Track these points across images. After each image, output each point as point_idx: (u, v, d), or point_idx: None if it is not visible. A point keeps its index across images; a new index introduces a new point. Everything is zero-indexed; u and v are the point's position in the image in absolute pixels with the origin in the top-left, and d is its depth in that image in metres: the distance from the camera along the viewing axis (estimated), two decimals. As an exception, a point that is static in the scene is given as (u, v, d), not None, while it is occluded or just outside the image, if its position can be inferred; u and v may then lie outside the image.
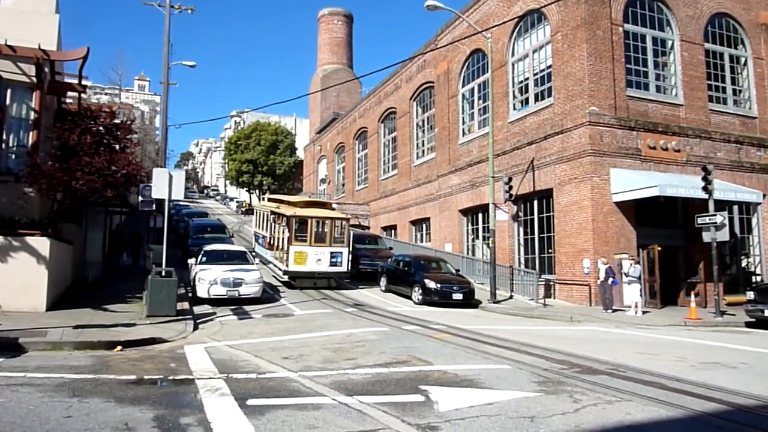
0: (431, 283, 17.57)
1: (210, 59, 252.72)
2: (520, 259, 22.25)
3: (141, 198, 18.78)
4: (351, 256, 20.51)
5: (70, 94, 15.20)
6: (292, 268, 19.21)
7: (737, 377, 7.77)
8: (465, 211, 26.15)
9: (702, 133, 20.60)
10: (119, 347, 8.97)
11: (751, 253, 22.01)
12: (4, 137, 12.89)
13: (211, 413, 5.33)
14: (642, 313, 16.61)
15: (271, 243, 21.96)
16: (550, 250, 20.61)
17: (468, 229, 26.24)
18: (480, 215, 24.88)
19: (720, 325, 15.52)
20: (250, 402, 5.76)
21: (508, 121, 23.04)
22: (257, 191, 68.29)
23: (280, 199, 24.77)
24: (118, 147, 14.70)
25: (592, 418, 5.46)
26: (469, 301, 17.82)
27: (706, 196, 17.13)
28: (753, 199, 20.33)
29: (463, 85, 27.07)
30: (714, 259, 16.85)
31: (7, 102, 12.88)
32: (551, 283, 19.76)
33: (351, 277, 21.65)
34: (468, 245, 26.11)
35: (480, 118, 25.59)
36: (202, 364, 7.87)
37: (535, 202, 21.57)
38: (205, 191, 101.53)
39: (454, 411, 5.57)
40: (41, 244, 11.77)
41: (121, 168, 13.56)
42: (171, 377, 7.07)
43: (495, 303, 18.08)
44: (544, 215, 21.09)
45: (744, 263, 22.00)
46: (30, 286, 11.56)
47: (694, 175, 19.06)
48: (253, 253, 23.17)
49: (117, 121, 15.20)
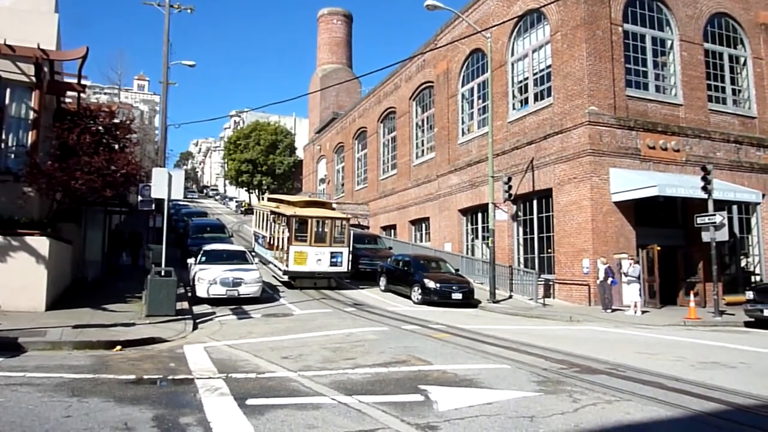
0: (431, 283, 17.57)
1: (209, 59, 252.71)
2: (519, 258, 22.26)
3: (140, 198, 18.77)
4: (351, 256, 20.51)
5: (69, 93, 15.20)
6: (292, 268, 19.16)
7: (736, 377, 7.78)
8: (464, 211, 26.16)
9: (701, 132, 20.61)
10: (118, 347, 8.96)
11: (751, 253, 22.03)
12: (4, 137, 12.88)
13: (210, 413, 5.33)
14: (641, 312, 16.62)
15: (271, 243, 21.91)
16: (550, 250, 20.62)
17: (467, 229, 26.25)
18: (479, 215, 24.88)
19: (719, 324, 15.54)
20: (250, 402, 5.76)
21: (507, 120, 23.04)
22: (257, 191, 68.32)
23: (280, 198, 24.70)
24: (117, 147, 14.70)
25: (591, 417, 5.46)
26: (469, 301, 17.83)
27: (706, 196, 17.15)
28: (752, 199, 20.35)
29: (462, 85, 27.07)
30: (713, 258, 16.87)
31: (7, 101, 12.88)
32: (550, 282, 19.77)
33: (350, 277, 21.64)
34: (467, 245, 26.12)
35: (479, 118, 25.60)
36: (202, 364, 7.87)
37: (535, 202, 21.58)
38: (204, 191, 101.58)
39: (453, 411, 5.57)
40: (40, 243, 11.77)
41: (121, 168, 13.57)
42: (170, 377, 7.07)
43: (494, 303, 18.09)
44: (544, 215, 21.10)
45: (743, 263, 22.03)
46: (29, 285, 11.56)
47: (693, 174, 19.07)
48: (253, 253, 23.13)
49: (116, 120, 15.20)
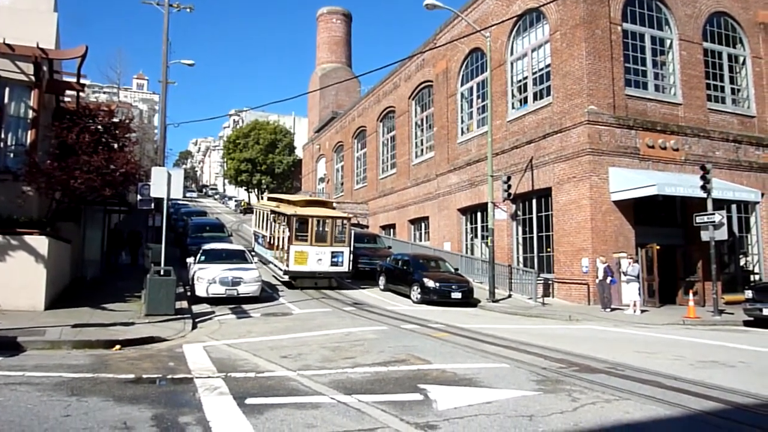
0: (430, 282, 17.58)
1: (209, 58, 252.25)
2: (518, 258, 22.27)
3: (140, 197, 18.69)
4: (351, 255, 20.46)
5: (68, 92, 15.18)
6: (292, 268, 19.06)
7: (735, 376, 7.78)
8: (464, 210, 26.16)
9: (700, 132, 20.62)
10: (118, 346, 8.96)
11: (750, 252, 22.04)
12: (3, 136, 12.87)
13: (209, 412, 5.32)
14: (640, 311, 16.64)
15: (271, 242, 21.84)
16: (549, 249, 20.63)
17: (467, 228, 26.25)
18: (479, 214, 24.89)
19: (718, 323, 15.56)
20: (249, 401, 5.76)
21: (506, 120, 23.04)
22: (256, 190, 68.32)
23: (280, 198, 24.64)
24: (116, 146, 14.68)
25: (590, 416, 5.47)
26: (468, 300, 17.83)
27: (705, 195, 17.17)
28: (751, 198, 20.37)
29: (461, 84, 27.07)
30: (712, 258, 16.88)
31: (6, 101, 12.87)
32: (550, 282, 19.78)
33: (350, 276, 21.62)
34: (467, 244, 26.12)
35: (479, 117, 25.59)
36: (201, 363, 7.87)
37: (534, 201, 21.59)
38: (203, 190, 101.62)
39: (452, 410, 5.58)
40: (40, 243, 11.76)
41: (120, 167, 13.57)
42: (170, 376, 7.07)
43: (494, 302, 18.09)
44: (543, 214, 21.10)
45: (742, 262, 22.04)
46: (28, 285, 11.55)
47: (692, 174, 19.08)
48: (253, 252, 23.11)
49: (115, 119, 15.16)
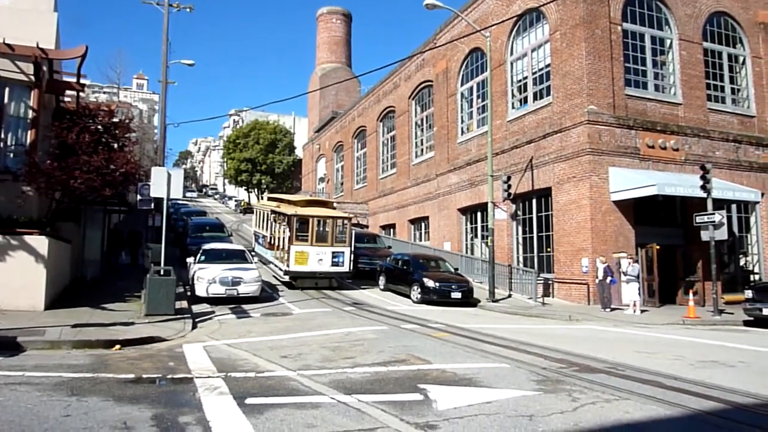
0: (430, 282, 17.57)
1: (208, 58, 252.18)
2: (518, 257, 22.27)
3: (139, 197, 18.67)
4: (352, 255, 20.42)
5: (68, 92, 15.17)
6: (293, 268, 18.99)
7: (735, 376, 7.78)
8: (464, 210, 26.16)
9: (700, 132, 20.62)
10: (118, 346, 8.96)
11: (750, 252, 22.04)
12: (3, 136, 12.87)
13: (209, 412, 5.32)
14: (640, 311, 16.65)
15: (272, 243, 21.79)
16: (549, 249, 20.63)
17: (467, 228, 26.25)
18: (479, 214, 24.89)
19: (718, 323, 15.56)
20: (249, 401, 5.76)
21: (506, 119, 23.04)
22: (256, 190, 68.34)
23: (281, 198, 24.61)
24: (116, 146, 14.67)
25: (590, 416, 5.47)
26: (468, 300, 17.83)
27: (705, 195, 17.17)
28: (751, 198, 20.38)
29: (461, 84, 27.06)
30: (712, 257, 16.88)
31: (6, 101, 12.86)
32: (550, 281, 19.78)
33: (351, 276, 21.60)
34: (467, 244, 26.12)
35: (479, 117, 25.59)
36: (201, 363, 7.87)
37: (534, 201, 21.59)
38: (203, 190, 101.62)
39: (452, 410, 5.58)
40: (40, 243, 11.75)
41: (120, 167, 13.56)
42: (169, 376, 7.07)
43: (494, 302, 18.09)
44: (543, 214, 21.10)
45: (742, 262, 22.04)
46: (28, 284, 11.54)
47: (692, 174, 19.08)
48: (253, 252, 23.08)
49: (115, 119, 15.15)
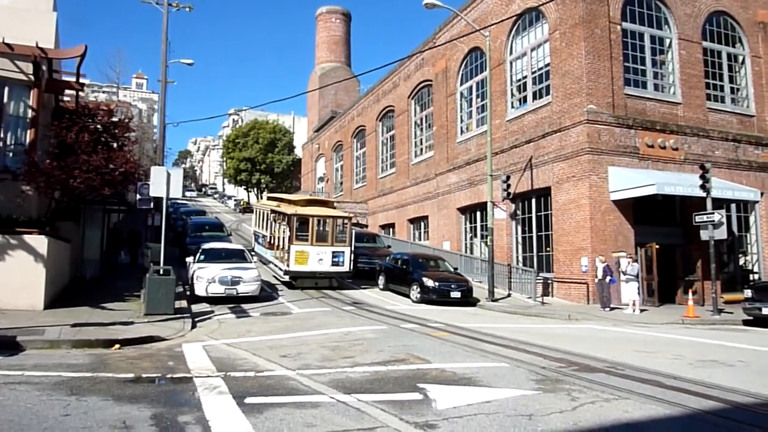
0: (429, 282, 17.58)
1: (208, 57, 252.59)
2: (518, 257, 22.28)
3: (139, 196, 18.75)
4: (352, 255, 20.38)
5: (67, 92, 15.17)
6: (293, 268, 18.91)
7: (735, 375, 7.79)
8: (463, 210, 26.16)
9: (700, 131, 20.63)
10: (117, 345, 8.96)
11: (749, 252, 22.06)
12: (2, 135, 12.87)
13: (209, 411, 5.32)
14: (640, 311, 16.66)
15: (272, 242, 21.73)
16: (548, 249, 20.64)
17: (466, 228, 26.25)
18: (478, 213, 24.89)
19: (718, 323, 15.57)
20: (248, 400, 5.76)
21: (506, 119, 23.04)
22: (255, 189, 68.36)
23: (281, 197, 24.57)
24: (116, 145, 14.66)
25: (590, 416, 5.47)
26: (467, 300, 17.83)
27: (704, 195, 17.18)
28: (751, 198, 20.39)
29: (461, 84, 27.06)
30: (712, 257, 16.90)
31: (5, 100, 12.86)
32: (549, 281, 19.79)
33: (351, 276, 21.58)
34: (466, 243, 26.13)
35: (478, 117, 25.59)
36: (200, 363, 7.87)
37: (533, 201, 21.60)
38: (203, 189, 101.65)
39: (452, 409, 5.58)
40: (39, 242, 11.75)
41: (119, 166, 13.56)
42: (169, 375, 7.07)
43: (493, 301, 18.10)
44: (542, 213, 21.11)
45: (742, 261, 22.06)
46: (28, 284, 11.54)
47: (691, 173, 19.08)
48: (253, 252, 23.05)
49: (115, 119, 15.14)
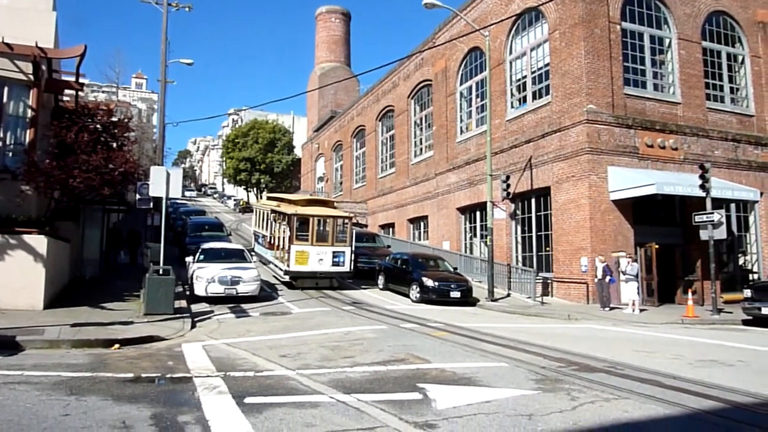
0: (429, 281, 17.57)
1: (207, 57, 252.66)
2: (517, 257, 22.28)
3: (138, 196, 18.78)
4: (353, 255, 20.33)
5: (67, 91, 15.17)
6: (293, 268, 18.84)
7: (734, 375, 7.80)
8: (463, 209, 26.16)
9: (699, 131, 20.63)
10: (117, 345, 8.95)
11: (749, 251, 22.07)
12: (2, 135, 12.87)
13: (208, 411, 5.32)
14: (639, 311, 16.67)
15: (272, 242, 21.68)
16: (548, 248, 20.64)
17: (466, 227, 26.26)
18: (478, 213, 24.89)
19: (717, 322, 15.57)
20: (248, 400, 5.75)
21: (505, 119, 23.04)
22: (255, 189, 68.34)
23: (281, 197, 24.53)
24: (115, 145, 14.65)
25: (589, 415, 5.47)
26: (467, 299, 17.83)
27: (704, 194, 17.18)
28: (750, 197, 20.40)
29: (461, 83, 27.06)
30: (711, 257, 16.90)
31: (4, 100, 12.85)
32: (549, 281, 19.79)
33: (350, 276, 21.55)
34: (466, 243, 26.13)
35: (478, 116, 25.59)
36: (200, 362, 7.87)
37: (533, 200, 21.60)
38: (202, 189, 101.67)
39: (451, 409, 5.58)
40: (38, 242, 11.74)
41: (119, 166, 13.55)
42: (169, 375, 7.07)
43: (493, 301, 18.10)
44: (542, 213, 21.11)
45: (741, 261, 22.07)
46: (27, 284, 11.53)
47: (691, 173, 19.08)
48: (253, 252, 23.03)
49: (114, 119, 15.13)
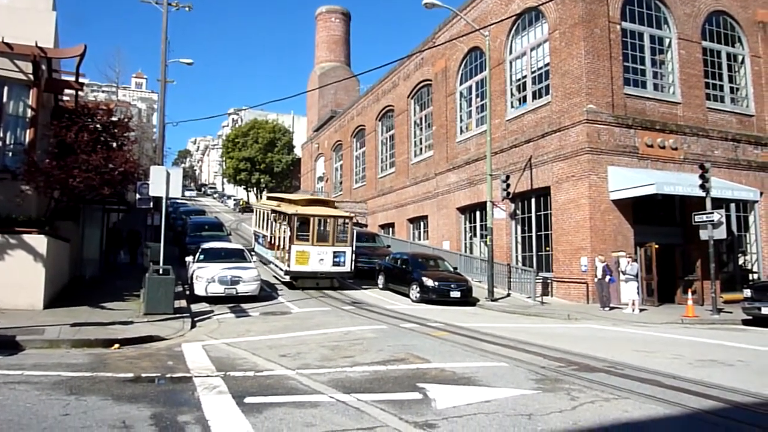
0: (429, 281, 17.57)
1: (207, 57, 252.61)
2: (517, 256, 22.28)
3: (138, 196, 18.77)
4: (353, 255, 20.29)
5: (67, 91, 15.17)
6: (293, 268, 18.78)
7: (734, 375, 7.80)
8: (463, 209, 26.16)
9: (699, 131, 20.64)
10: (117, 345, 8.95)
11: (748, 251, 22.07)
12: (1, 135, 12.87)
13: (208, 411, 5.32)
14: (639, 310, 16.67)
15: (272, 242, 21.65)
16: (548, 248, 20.64)
17: (466, 227, 26.26)
18: (478, 213, 24.89)
19: (717, 322, 15.58)
20: (248, 400, 5.75)
21: (505, 119, 23.04)
22: (255, 189, 68.34)
23: (281, 197, 24.52)
24: (115, 145, 14.65)
25: (589, 415, 5.47)
26: (467, 299, 17.83)
27: (704, 194, 17.18)
28: (750, 197, 20.40)
29: (460, 83, 27.06)
30: (711, 256, 16.90)
31: (4, 99, 12.85)
32: (549, 280, 19.80)
33: (351, 276, 21.52)
34: (466, 243, 26.13)
35: (478, 116, 25.59)
36: (200, 362, 7.87)
37: (533, 200, 21.60)
38: (202, 189, 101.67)
39: (451, 408, 5.58)
40: (38, 242, 11.74)
41: (119, 166, 13.55)
42: (168, 375, 7.07)
43: (492, 301, 18.10)
44: (542, 213, 21.11)
45: (741, 261, 22.08)
46: (27, 283, 11.53)
47: (691, 173, 19.08)
48: (253, 252, 23.01)
49: (114, 118, 15.12)
